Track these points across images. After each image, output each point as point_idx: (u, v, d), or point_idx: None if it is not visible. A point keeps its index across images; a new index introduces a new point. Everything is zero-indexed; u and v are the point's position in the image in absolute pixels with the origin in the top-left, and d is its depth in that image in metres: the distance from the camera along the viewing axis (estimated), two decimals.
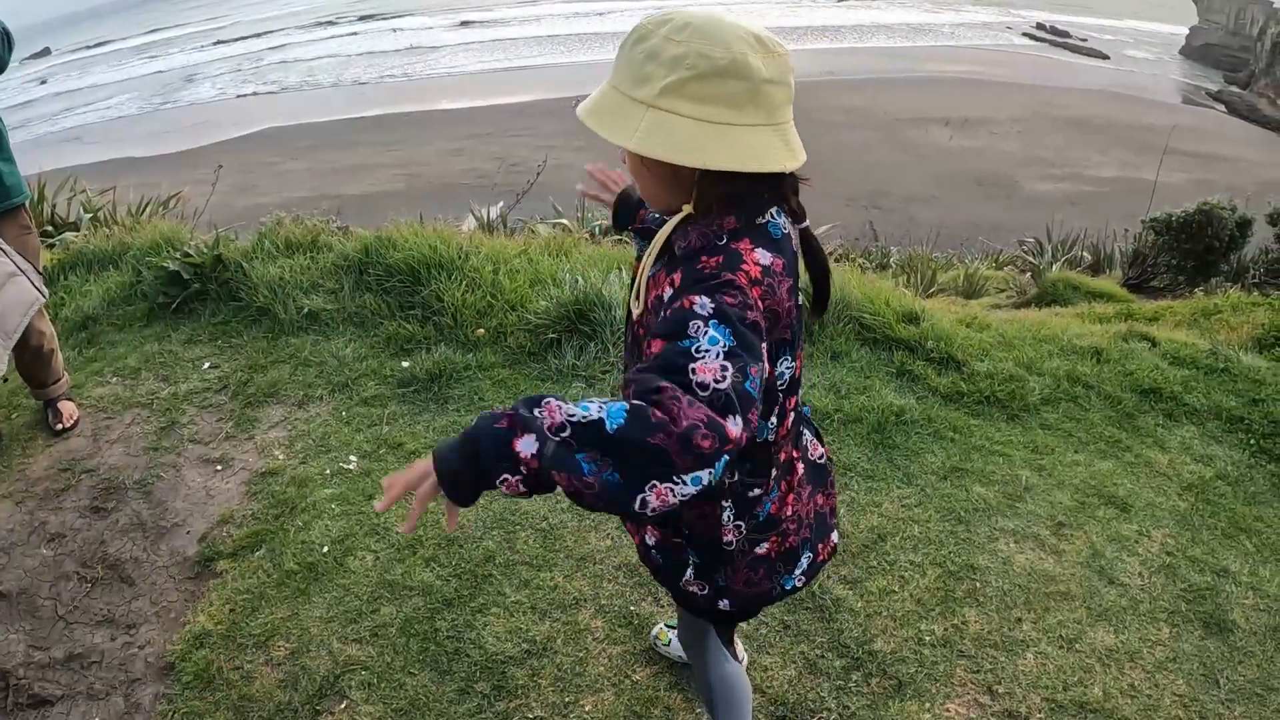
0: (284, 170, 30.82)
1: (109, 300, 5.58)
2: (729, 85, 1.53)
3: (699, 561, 1.97)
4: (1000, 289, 9.96)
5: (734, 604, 2.00)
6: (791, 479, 1.97)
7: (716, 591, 1.98)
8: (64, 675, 3.23)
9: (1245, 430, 4.70)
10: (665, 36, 1.55)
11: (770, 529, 1.94)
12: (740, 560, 1.94)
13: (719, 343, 1.41)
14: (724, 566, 1.95)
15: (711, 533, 1.90)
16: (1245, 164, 32.35)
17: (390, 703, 3.00)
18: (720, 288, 1.50)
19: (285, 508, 3.90)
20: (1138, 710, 3.01)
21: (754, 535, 1.93)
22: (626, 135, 1.57)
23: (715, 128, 1.54)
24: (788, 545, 1.99)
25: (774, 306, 1.58)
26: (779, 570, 2.00)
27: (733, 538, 1.91)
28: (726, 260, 1.56)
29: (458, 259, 5.34)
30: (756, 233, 1.63)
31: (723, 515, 1.88)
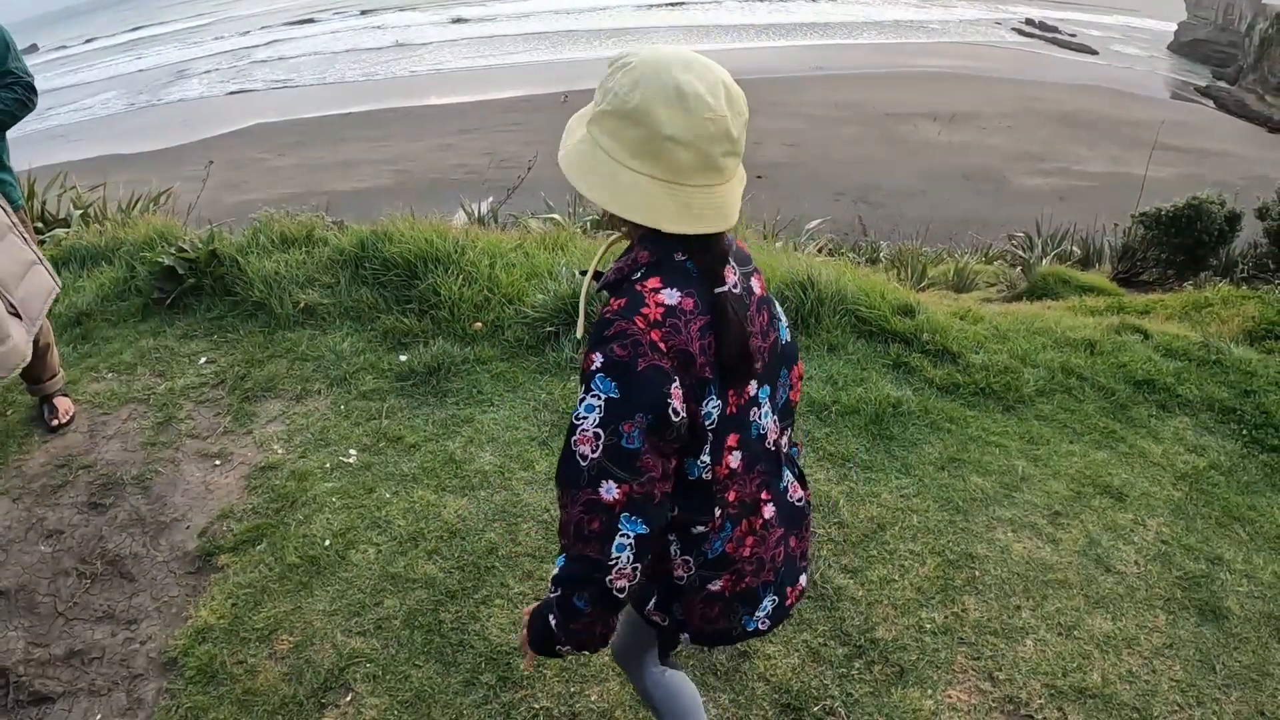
0: (273, 166, 30.68)
1: (103, 296, 5.56)
2: (628, 129, 1.55)
3: (657, 593, 1.97)
4: (990, 283, 9.97)
5: (694, 637, 2.02)
6: (754, 520, 1.93)
7: (677, 624, 1.99)
8: (65, 672, 3.24)
9: (1237, 421, 4.73)
10: (615, 67, 1.59)
11: (722, 568, 1.91)
12: (693, 597, 1.93)
13: (595, 409, 1.55)
14: (678, 601, 1.95)
15: (662, 566, 1.90)
16: (1234, 159, 32.42)
17: (396, 694, 3.02)
18: (613, 339, 1.56)
19: (285, 502, 3.91)
20: (1136, 695, 3.04)
21: (704, 572, 1.91)
22: (564, 145, 1.66)
23: (611, 163, 1.58)
24: (743, 585, 1.95)
25: (681, 346, 1.59)
26: (736, 610, 1.97)
27: (683, 573, 1.90)
28: (629, 303, 1.60)
29: (454, 253, 5.35)
30: (670, 269, 1.64)
31: (670, 549, 1.88)
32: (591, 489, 1.54)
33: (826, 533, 3.66)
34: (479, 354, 4.80)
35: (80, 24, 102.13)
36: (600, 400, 1.54)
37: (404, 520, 3.75)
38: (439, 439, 4.25)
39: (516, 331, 4.92)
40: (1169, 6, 70.40)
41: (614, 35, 63.83)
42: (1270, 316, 5.95)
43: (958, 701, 2.98)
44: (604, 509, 1.55)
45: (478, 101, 41.50)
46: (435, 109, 40.74)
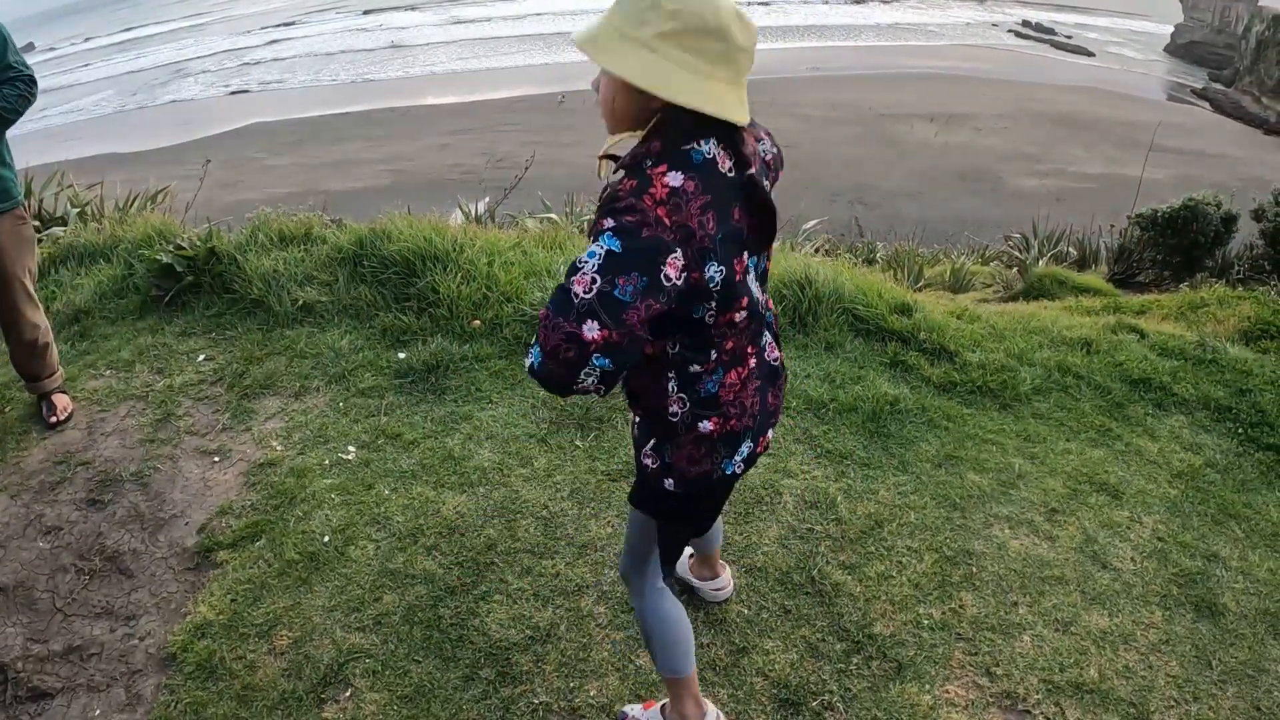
0: (269, 166, 30.67)
1: (101, 294, 5.56)
2: (711, 44, 1.82)
3: (651, 434, 2.22)
4: (987, 284, 9.97)
5: (678, 483, 2.22)
6: (741, 370, 2.18)
7: (664, 468, 2.22)
8: (63, 668, 3.24)
9: (1233, 420, 4.74)
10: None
11: (712, 408, 2.16)
12: (685, 435, 2.17)
13: (596, 255, 1.75)
14: (670, 440, 2.19)
15: (659, 402, 2.14)
16: (1230, 161, 32.49)
17: (395, 690, 3.02)
18: (624, 210, 1.79)
19: (284, 498, 3.92)
20: (1133, 691, 3.06)
21: (697, 410, 2.15)
22: (624, 66, 1.84)
23: (692, 75, 1.83)
24: (729, 427, 2.20)
25: (683, 221, 1.82)
26: (719, 452, 2.21)
27: (677, 409, 2.14)
28: (639, 185, 1.83)
29: (453, 251, 5.35)
30: (678, 157, 1.88)
31: (668, 385, 2.12)
32: (575, 324, 1.71)
33: (824, 529, 3.67)
34: (477, 351, 4.81)
35: (77, 23, 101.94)
36: (602, 251, 1.75)
37: (403, 516, 3.76)
38: (438, 436, 4.26)
39: (515, 329, 4.93)
40: (1166, 9, 70.53)
41: None
42: (1266, 316, 5.97)
43: (955, 697, 2.99)
44: (581, 344, 1.72)
45: (474, 102, 41.54)
46: (432, 109, 40.76)
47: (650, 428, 2.22)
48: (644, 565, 2.55)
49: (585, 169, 9.21)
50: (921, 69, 46.32)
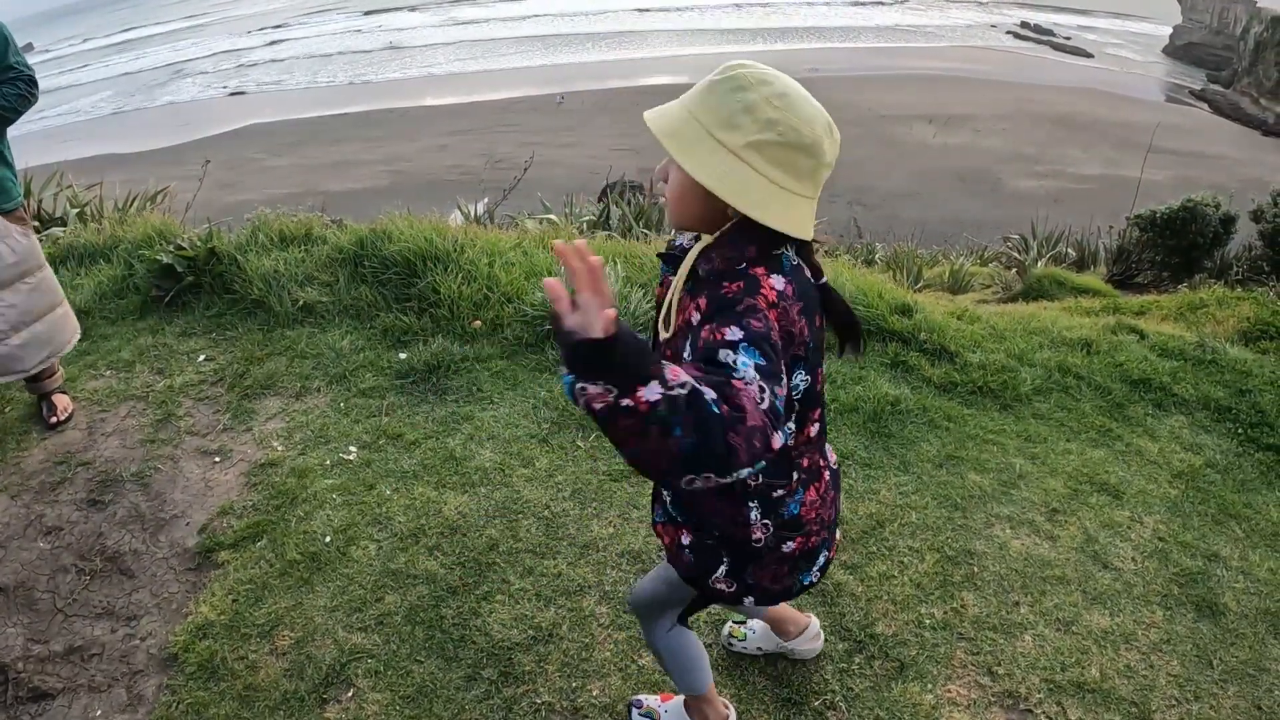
0: (268, 167, 30.72)
1: (101, 294, 5.57)
2: (802, 160, 1.72)
3: (729, 560, 2.11)
4: (986, 285, 9.99)
5: (758, 600, 2.17)
6: (819, 485, 2.12)
7: (744, 588, 2.13)
8: (64, 668, 3.23)
9: (1233, 420, 4.75)
10: (765, 98, 1.70)
11: (796, 529, 2.08)
12: (769, 557, 2.09)
13: (749, 366, 1.54)
14: (752, 564, 2.10)
15: (741, 533, 2.04)
16: (1228, 162, 32.54)
17: (398, 690, 3.02)
18: (746, 313, 1.65)
19: (285, 498, 3.91)
20: (1134, 690, 3.06)
21: (781, 533, 2.06)
22: (705, 172, 1.70)
23: (779, 190, 1.71)
24: (810, 545, 2.14)
25: (788, 327, 1.74)
26: (799, 568, 2.15)
27: (761, 535, 2.04)
28: (747, 285, 1.71)
29: (453, 252, 5.36)
30: (772, 261, 1.79)
31: (750, 514, 2.02)
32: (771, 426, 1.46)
33: None
34: (478, 352, 4.81)
35: (76, 23, 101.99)
36: (750, 365, 1.55)
37: (404, 517, 3.76)
38: (439, 436, 4.25)
39: (516, 330, 4.93)
40: (1164, 10, 70.64)
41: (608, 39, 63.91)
42: (1265, 317, 5.98)
43: (957, 696, 2.99)
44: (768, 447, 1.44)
45: (473, 102, 41.57)
46: (430, 109, 40.81)
47: (719, 554, 2.11)
48: (662, 612, 2.49)
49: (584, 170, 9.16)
50: (920, 70, 46.37)
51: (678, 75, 52.50)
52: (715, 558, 2.12)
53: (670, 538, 2.22)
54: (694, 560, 2.16)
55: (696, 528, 2.14)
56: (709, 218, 1.81)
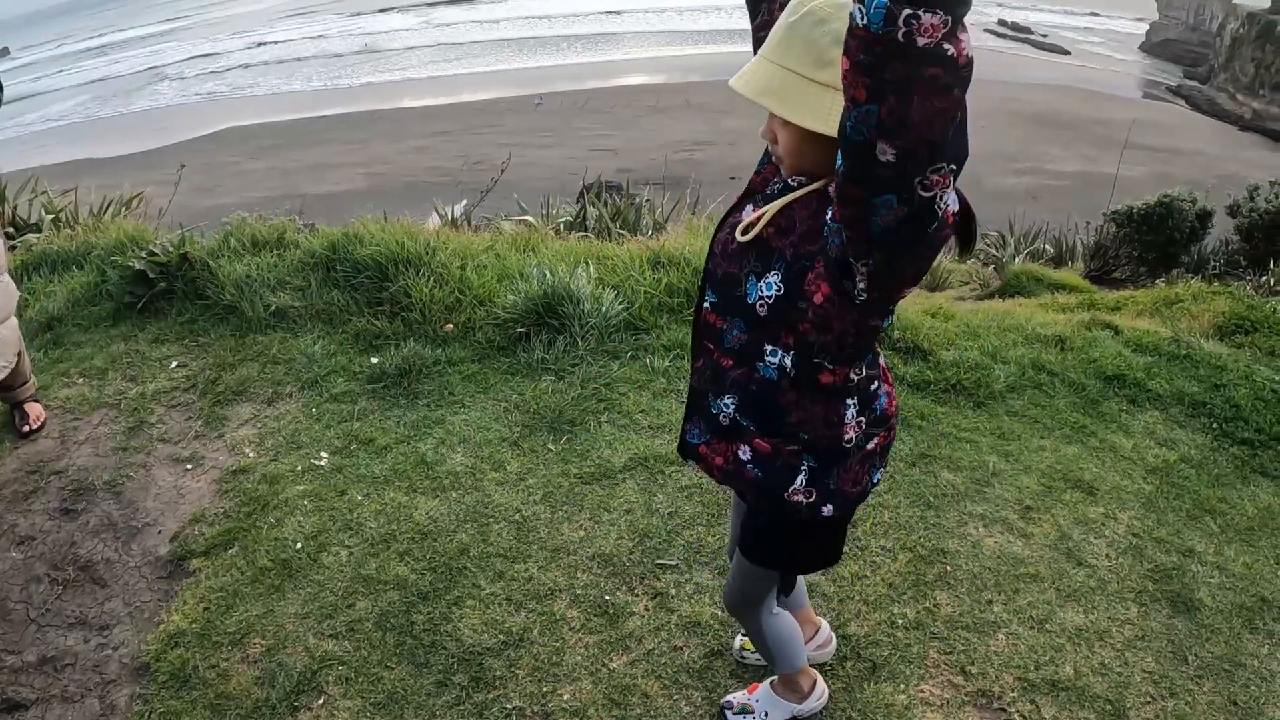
0: (245, 170, 30.61)
1: (74, 301, 5.53)
2: None
3: (814, 466, 2.03)
4: (964, 282, 10.02)
5: (837, 508, 2.10)
6: (888, 375, 2.14)
7: (825, 496, 2.05)
8: (37, 679, 3.21)
9: (1208, 415, 4.76)
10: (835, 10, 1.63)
11: (882, 424, 2.09)
12: (854, 457, 2.05)
13: None
14: (838, 466, 2.03)
15: (834, 431, 1.99)
16: (1205, 157, 32.76)
17: (369, 696, 3.01)
18: None
19: (257, 505, 3.89)
20: (1109, 687, 3.06)
21: (870, 430, 2.06)
22: (817, 119, 1.65)
23: None
24: (889, 438, 2.16)
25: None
26: (875, 465, 2.14)
27: (853, 434, 2.01)
28: None
29: (425, 255, 5.34)
30: None
31: (846, 413, 1.99)
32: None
33: None
34: (450, 355, 4.79)
35: (53, 28, 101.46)
36: None
37: (375, 522, 3.74)
38: (410, 441, 4.24)
39: (487, 333, 4.92)
40: (1141, 6, 71.04)
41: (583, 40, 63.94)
42: (1240, 312, 6.00)
43: (930, 696, 2.99)
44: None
45: (452, 104, 41.51)
46: (409, 111, 40.78)
47: (798, 461, 2.03)
48: (761, 602, 2.47)
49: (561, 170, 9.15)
50: None
51: (655, 75, 52.57)
52: (792, 467, 2.03)
53: (724, 455, 2.14)
54: (762, 476, 2.07)
55: (774, 433, 2.03)
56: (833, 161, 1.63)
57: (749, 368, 1.99)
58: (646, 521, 3.69)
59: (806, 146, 1.75)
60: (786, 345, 1.89)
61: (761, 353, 1.94)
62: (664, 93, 46.76)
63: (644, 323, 5.00)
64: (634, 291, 5.16)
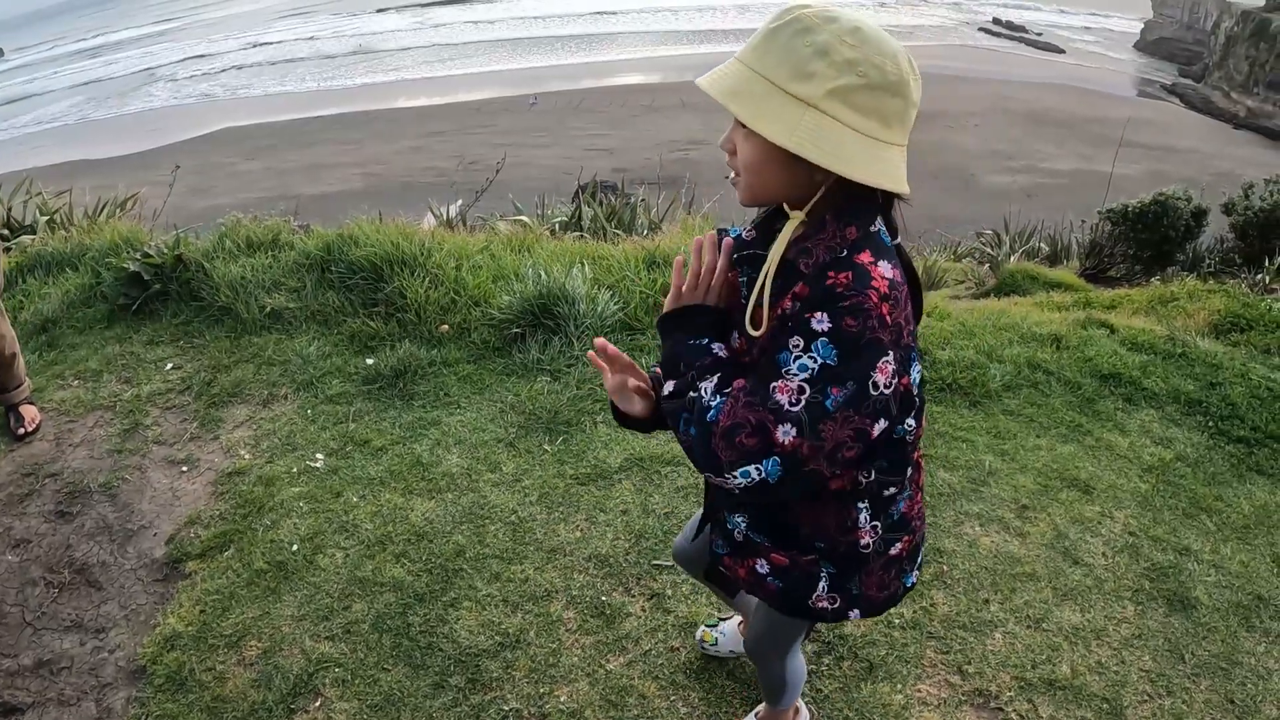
0: (240, 171, 30.60)
1: (68, 303, 5.53)
2: (889, 102, 1.53)
3: (833, 572, 1.95)
4: (959, 280, 10.01)
5: (864, 612, 2.01)
6: (918, 477, 2.00)
7: (849, 601, 1.98)
8: (34, 682, 3.21)
9: (1204, 413, 4.76)
10: (837, 36, 1.51)
11: (903, 529, 1.96)
12: (875, 563, 1.94)
13: (809, 371, 1.52)
14: (859, 572, 1.95)
15: (848, 537, 1.89)
16: (1200, 155, 32.81)
17: (365, 698, 3.00)
18: (847, 311, 1.52)
19: (253, 507, 3.89)
20: (1106, 686, 3.06)
21: (889, 535, 1.93)
22: (784, 133, 1.51)
23: (867, 141, 1.53)
24: (915, 543, 2.02)
25: (899, 319, 1.57)
26: (904, 570, 2.03)
27: (869, 540, 1.90)
28: (856, 278, 1.54)
29: (420, 256, 5.34)
30: (873, 242, 1.62)
31: (859, 517, 1.87)
32: (770, 420, 1.52)
33: None
34: (445, 356, 4.79)
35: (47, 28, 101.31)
36: (817, 364, 1.51)
37: (371, 524, 3.74)
38: (406, 442, 4.24)
39: (483, 333, 4.92)
40: (1135, 5, 71.12)
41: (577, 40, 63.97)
42: (1235, 309, 6.00)
43: (927, 695, 2.99)
44: (766, 442, 1.53)
45: (446, 104, 41.48)
46: (404, 112, 40.75)
47: (817, 570, 1.95)
48: (790, 645, 2.40)
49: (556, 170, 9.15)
50: None
51: (650, 75, 52.56)
52: (811, 575, 1.96)
53: (745, 569, 2.06)
54: (783, 586, 2.01)
55: (788, 546, 1.96)
56: (793, 188, 1.62)
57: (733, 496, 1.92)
58: (643, 522, 3.68)
59: (767, 165, 1.62)
60: None
61: None
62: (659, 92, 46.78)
63: (639, 323, 5.00)
64: (629, 292, 5.16)
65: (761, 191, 1.68)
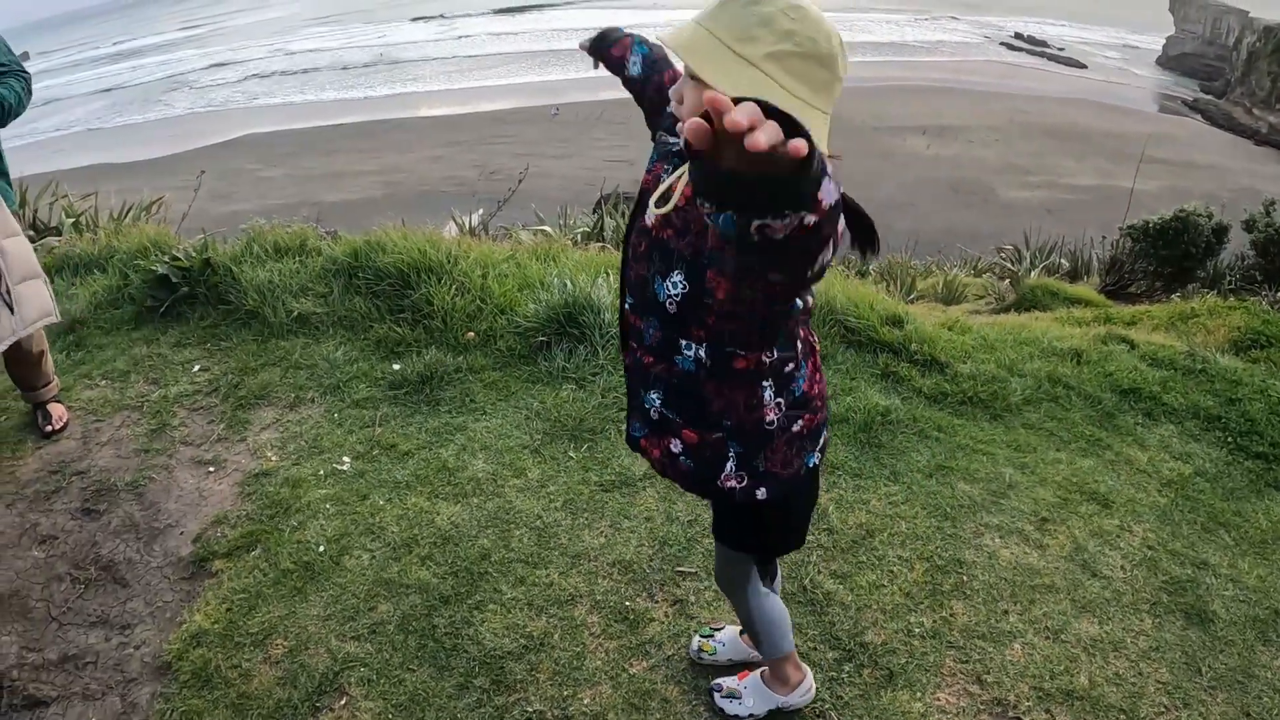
0: (263, 177, 30.73)
1: (96, 304, 5.58)
2: (818, 72, 1.73)
3: (740, 450, 2.12)
4: (979, 295, 10.01)
5: (770, 490, 2.17)
6: (815, 359, 2.18)
7: (755, 479, 2.15)
8: (59, 676, 3.24)
9: (1223, 429, 4.77)
10: (780, 9, 1.70)
11: (804, 406, 2.13)
12: (779, 439, 2.12)
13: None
14: (764, 449, 2.12)
15: (754, 414, 2.06)
16: (1221, 171, 32.64)
17: (390, 698, 3.04)
18: None
19: (279, 508, 3.93)
20: (1123, 697, 3.07)
21: (791, 412, 2.11)
22: (726, 82, 1.67)
23: (796, 101, 1.70)
24: (817, 421, 2.19)
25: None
26: (806, 448, 2.19)
27: (774, 416, 2.08)
28: None
29: (447, 263, 5.38)
30: None
31: (764, 394, 2.05)
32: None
33: (816, 539, 3.68)
34: (471, 363, 4.83)
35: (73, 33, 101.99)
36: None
37: (397, 527, 3.78)
38: (432, 447, 4.27)
39: (509, 341, 4.95)
40: (1158, 21, 70.85)
41: None
42: (1256, 326, 6.01)
43: (946, 704, 3.01)
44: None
45: (467, 114, 41.55)
46: (426, 120, 40.82)
47: (724, 448, 2.13)
48: (745, 583, 2.55)
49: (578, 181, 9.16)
50: (913, 81, 46.45)
51: None
52: (720, 453, 2.13)
53: (659, 449, 2.24)
54: (694, 466, 2.18)
55: (698, 424, 2.12)
56: None
57: (668, 362, 2.08)
58: (666, 529, 3.72)
59: None
60: (699, 338, 1.98)
61: (678, 347, 2.02)
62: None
63: None
64: None
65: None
